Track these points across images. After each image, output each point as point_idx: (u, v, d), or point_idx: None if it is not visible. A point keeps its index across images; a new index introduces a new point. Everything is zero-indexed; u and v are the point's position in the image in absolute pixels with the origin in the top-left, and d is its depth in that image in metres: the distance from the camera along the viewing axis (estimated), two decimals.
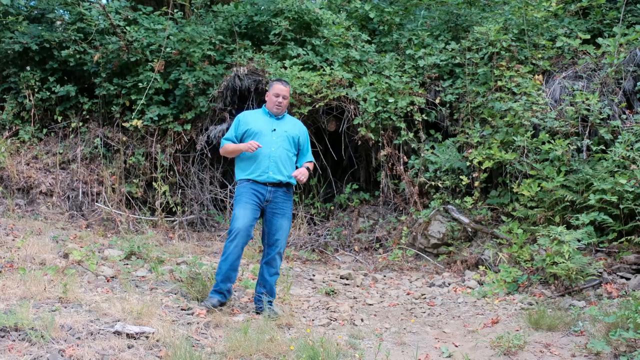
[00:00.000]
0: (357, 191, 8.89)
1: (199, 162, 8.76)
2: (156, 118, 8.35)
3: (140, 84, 8.35)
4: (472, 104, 7.99)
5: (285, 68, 8.20)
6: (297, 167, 5.71)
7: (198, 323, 4.92)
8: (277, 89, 5.61)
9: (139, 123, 8.29)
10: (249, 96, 8.58)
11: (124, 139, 8.51)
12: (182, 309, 5.29)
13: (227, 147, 5.64)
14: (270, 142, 5.53)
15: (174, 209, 8.37)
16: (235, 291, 6.00)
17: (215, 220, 8.65)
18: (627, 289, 5.74)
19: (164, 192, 8.32)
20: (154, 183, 8.36)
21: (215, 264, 6.70)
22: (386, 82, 8.09)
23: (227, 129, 8.50)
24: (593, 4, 8.45)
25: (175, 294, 5.67)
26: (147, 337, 4.36)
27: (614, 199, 6.23)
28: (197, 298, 5.58)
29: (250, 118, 5.66)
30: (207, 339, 4.68)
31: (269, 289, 5.53)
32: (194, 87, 8.27)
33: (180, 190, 8.59)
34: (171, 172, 8.56)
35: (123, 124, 8.48)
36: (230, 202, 8.82)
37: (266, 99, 5.69)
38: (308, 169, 5.74)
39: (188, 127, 8.45)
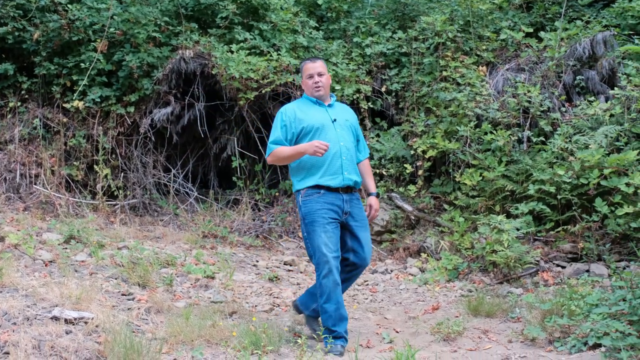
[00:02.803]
0: None
1: (143, 145, 8.60)
2: (98, 99, 8.16)
3: (82, 64, 8.13)
4: (418, 93, 8.07)
5: (232, 52, 8.11)
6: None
7: (139, 308, 4.86)
8: (308, 69, 4.69)
9: (81, 104, 8.09)
10: (195, 80, 8.46)
11: (65, 120, 8.28)
12: (122, 294, 5.21)
13: (281, 151, 4.57)
14: (336, 136, 4.59)
15: (115, 193, 8.21)
16: (177, 276, 5.94)
17: (158, 205, 8.53)
18: (562, 277, 5.92)
19: (106, 176, 8.15)
20: (95, 166, 8.18)
21: (158, 249, 6.62)
22: (333, 69, 8.10)
23: (173, 112, 8.40)
24: None
25: (116, 279, 5.58)
26: (85, 323, 4.28)
27: (552, 189, 6.39)
28: (138, 283, 5.50)
29: (301, 112, 4.62)
30: (147, 325, 4.62)
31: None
32: (138, 69, 8.10)
33: (122, 174, 8.43)
34: (113, 155, 8.39)
35: (64, 105, 8.25)
36: (173, 187, 8.71)
37: (303, 87, 4.78)
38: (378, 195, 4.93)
39: (131, 109, 8.29)
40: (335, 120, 4.64)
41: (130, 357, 3.77)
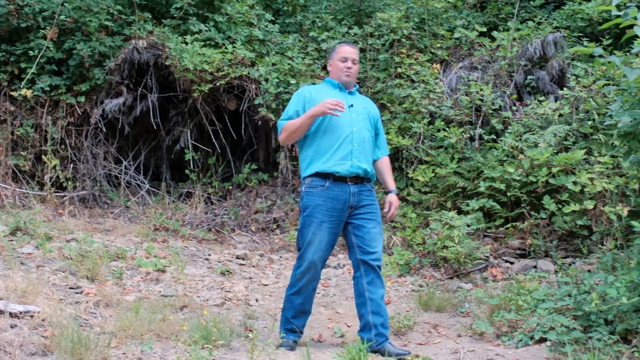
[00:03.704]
0: (255, 171, 8.85)
1: (93, 136, 8.44)
2: (47, 88, 7.97)
3: (30, 52, 7.92)
4: (372, 89, 8.11)
5: (187, 44, 8.02)
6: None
7: (87, 302, 4.77)
8: (344, 51, 4.45)
9: (29, 93, 7.88)
10: (148, 70, 8.34)
11: (12, 109, 8.06)
12: (70, 288, 5.11)
13: (291, 124, 4.33)
14: (351, 120, 4.34)
15: (64, 184, 8.04)
16: (127, 270, 5.86)
17: (108, 197, 8.39)
18: (510, 273, 6.03)
19: (54, 166, 7.98)
20: (43, 156, 7.98)
21: (108, 242, 6.51)
22: (289, 63, 8.08)
23: (125, 103, 8.26)
24: None
25: (64, 272, 5.47)
26: (31, 317, 4.18)
27: (502, 186, 6.51)
28: (86, 276, 5.40)
29: (317, 93, 4.40)
30: (96, 319, 4.55)
31: (384, 315, 4.34)
32: (90, 58, 7.94)
33: (71, 165, 8.25)
34: (62, 146, 8.21)
35: (11, 93, 8.03)
36: (124, 179, 8.57)
37: (329, 68, 4.53)
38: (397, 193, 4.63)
39: (82, 99, 8.12)
40: (352, 105, 4.40)
41: (78, 352, 3.70)
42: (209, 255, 7.00)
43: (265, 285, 6.19)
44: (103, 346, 3.84)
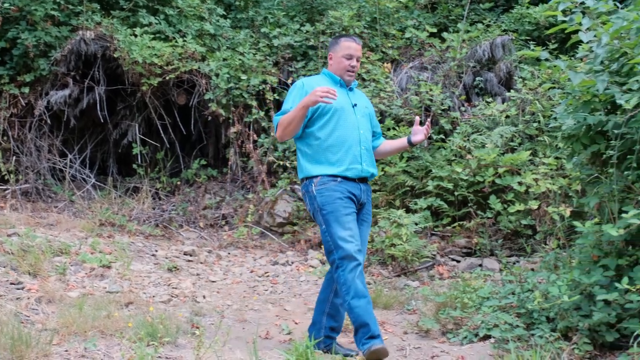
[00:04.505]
0: (205, 167, 8.77)
1: (37, 128, 8.23)
2: None
3: None
4: None
5: (136, 36, 7.89)
6: None
7: (29, 298, 4.66)
8: (349, 48, 4.21)
9: None
10: (95, 62, 8.17)
11: None
12: (11, 283, 4.98)
13: (285, 118, 4.07)
14: (357, 122, 4.16)
15: (6, 177, 7.82)
16: (71, 265, 5.74)
17: (52, 191, 8.19)
18: (456, 271, 6.13)
19: None
20: None
21: (51, 236, 6.36)
22: (240, 59, 8.03)
23: (71, 95, 8.07)
24: None
25: (4, 267, 5.32)
26: None
27: (450, 186, 6.60)
28: (28, 272, 5.27)
29: (319, 86, 4.05)
30: (38, 315, 4.44)
31: (340, 322, 4.29)
32: (35, 48, 7.74)
33: (14, 157, 8.03)
34: (5, 138, 7.98)
35: None
36: (69, 172, 8.38)
37: (330, 60, 4.27)
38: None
39: (26, 90, 7.90)
40: (355, 105, 4.22)
41: (18, 349, 3.61)
42: (156, 251, 6.90)
43: (213, 281, 6.14)
44: (45, 343, 3.75)
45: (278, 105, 8.46)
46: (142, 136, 8.55)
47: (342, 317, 4.27)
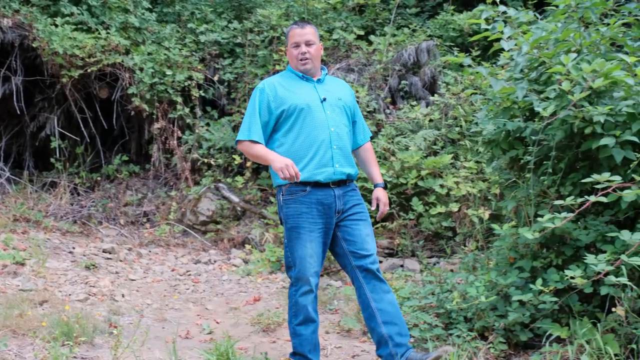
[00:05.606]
0: (126, 163, 8.57)
1: None
2: None
3: None
4: (250, 85, 8.07)
5: (56, 26, 7.63)
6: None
7: None
8: (294, 36, 3.86)
9: None
10: (13, 51, 7.86)
11: None
12: None
13: (250, 148, 3.76)
14: (326, 119, 3.77)
15: None
16: None
17: None
18: None
19: None
20: None
21: None
22: (165, 54, 7.89)
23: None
24: (368, 2, 8.93)
25: None
26: None
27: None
28: None
29: (283, 89, 3.79)
30: None
31: (399, 321, 3.78)
32: None
33: None
34: None
35: None
36: (9, 173, 8.03)
37: (287, 57, 3.95)
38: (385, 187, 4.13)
39: None
40: (324, 99, 3.80)
41: None
42: (74, 248, 6.71)
43: (133, 280, 6.01)
44: None
45: (204, 102, 8.37)
46: (61, 129, 8.28)
47: (399, 317, 3.80)
